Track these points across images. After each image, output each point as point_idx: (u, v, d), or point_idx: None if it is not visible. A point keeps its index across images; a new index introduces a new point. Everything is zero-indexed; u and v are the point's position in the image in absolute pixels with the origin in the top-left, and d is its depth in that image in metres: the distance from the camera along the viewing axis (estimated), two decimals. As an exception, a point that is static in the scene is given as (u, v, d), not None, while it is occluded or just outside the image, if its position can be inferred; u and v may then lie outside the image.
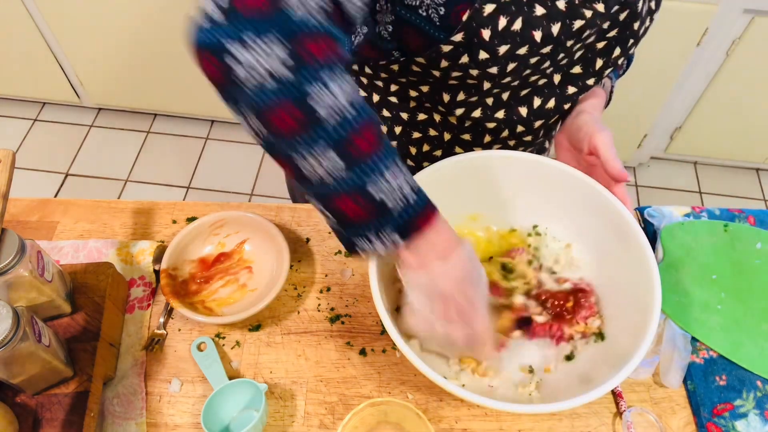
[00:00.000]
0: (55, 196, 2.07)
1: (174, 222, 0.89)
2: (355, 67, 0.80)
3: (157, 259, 0.83)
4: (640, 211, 0.90)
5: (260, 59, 0.48)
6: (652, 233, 0.87)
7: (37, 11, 1.85)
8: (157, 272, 0.83)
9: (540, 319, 0.72)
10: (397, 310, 0.70)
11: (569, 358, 0.71)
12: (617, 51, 0.72)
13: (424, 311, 0.62)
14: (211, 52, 0.48)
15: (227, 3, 0.48)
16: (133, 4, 1.77)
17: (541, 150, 0.93)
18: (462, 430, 0.72)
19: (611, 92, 0.88)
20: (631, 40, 0.72)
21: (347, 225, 0.57)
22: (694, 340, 0.78)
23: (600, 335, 0.72)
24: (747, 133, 1.94)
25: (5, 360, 0.60)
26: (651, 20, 0.73)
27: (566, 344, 0.72)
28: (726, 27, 1.60)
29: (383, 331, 0.79)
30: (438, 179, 0.74)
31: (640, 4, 0.69)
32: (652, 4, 0.72)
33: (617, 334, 0.69)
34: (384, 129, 0.83)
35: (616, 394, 0.75)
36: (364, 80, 0.80)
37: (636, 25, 0.71)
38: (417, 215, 0.56)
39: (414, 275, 0.60)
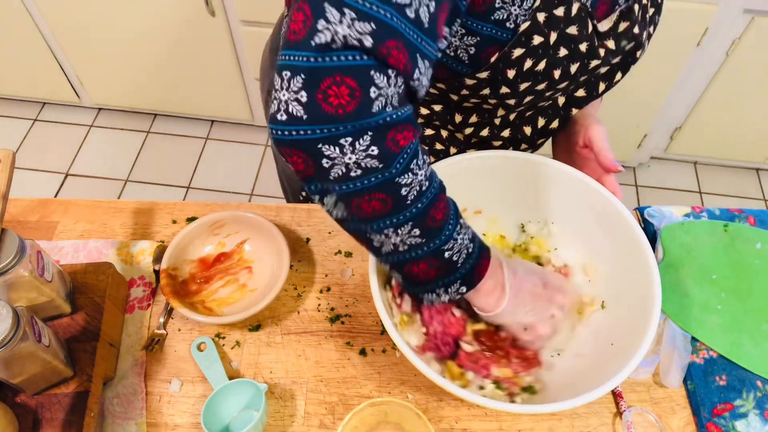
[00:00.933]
0: (55, 196, 2.07)
1: (174, 222, 0.89)
2: None
3: (157, 259, 0.83)
4: (640, 211, 0.90)
5: (355, 158, 0.49)
6: (652, 233, 0.87)
7: (37, 11, 1.85)
8: (157, 272, 0.83)
9: (468, 348, 0.70)
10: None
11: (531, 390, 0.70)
12: (619, 75, 0.74)
13: (531, 316, 0.66)
14: (302, 151, 0.48)
15: (309, 101, 0.47)
16: (133, 5, 1.77)
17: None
18: (462, 430, 0.72)
19: None
20: (632, 65, 0.74)
21: (418, 284, 0.61)
22: (694, 340, 0.78)
23: (530, 389, 0.69)
24: (747, 133, 1.94)
25: (5, 360, 0.60)
26: (648, 41, 0.74)
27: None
28: (726, 27, 1.60)
29: (383, 331, 0.79)
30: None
31: (644, 36, 0.71)
32: (651, 29, 0.73)
33: (617, 333, 0.69)
34: None
35: (616, 394, 0.75)
36: None
37: (638, 53, 0.73)
38: (477, 265, 0.60)
39: (505, 312, 0.65)
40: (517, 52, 0.63)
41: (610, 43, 0.67)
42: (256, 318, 0.80)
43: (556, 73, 0.66)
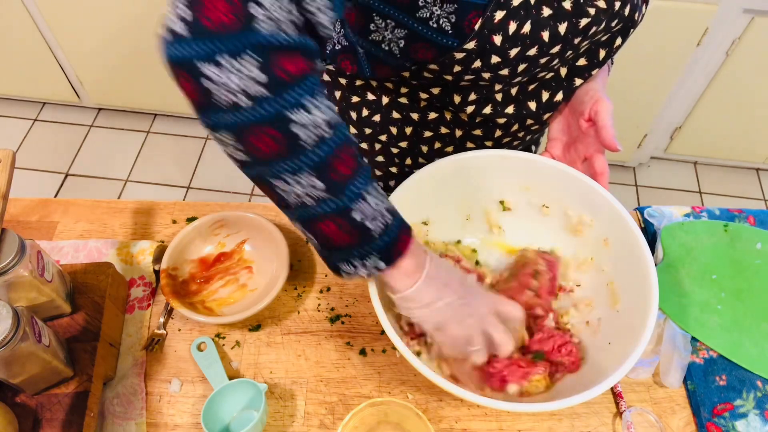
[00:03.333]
0: (55, 196, 2.07)
1: (174, 222, 0.89)
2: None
3: (157, 259, 0.83)
4: (640, 211, 0.90)
5: (236, 80, 0.46)
6: (652, 233, 0.87)
7: (37, 11, 1.85)
8: (157, 272, 0.83)
9: (480, 359, 0.67)
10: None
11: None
12: (618, 41, 0.74)
13: (449, 316, 0.63)
14: (185, 71, 0.47)
15: (191, 16, 0.45)
16: (133, 5, 1.77)
17: (539, 137, 0.96)
18: (462, 430, 0.72)
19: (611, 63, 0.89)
20: (631, 29, 0.73)
21: (332, 249, 0.57)
22: (694, 340, 0.78)
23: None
24: (747, 133, 1.94)
25: (5, 360, 0.60)
26: (646, 6, 0.74)
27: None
28: (726, 27, 1.60)
29: (383, 331, 0.79)
30: (432, 180, 0.75)
31: None
32: None
33: (615, 332, 0.69)
34: (394, 131, 0.83)
35: (616, 394, 0.75)
36: (374, 83, 0.80)
37: (636, 15, 0.72)
38: (396, 239, 0.57)
39: (417, 294, 0.61)
40: (499, 14, 0.62)
41: (601, 3, 0.66)
42: (256, 318, 0.80)
43: (545, 35, 0.64)
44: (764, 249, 0.85)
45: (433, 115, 0.80)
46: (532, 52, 0.66)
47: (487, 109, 0.76)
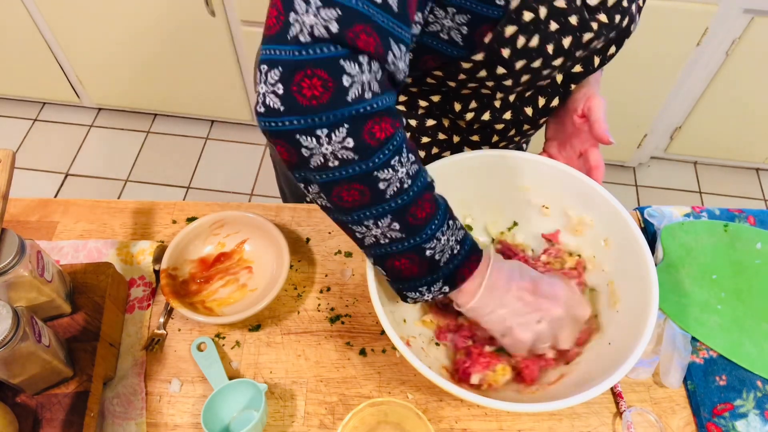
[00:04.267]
0: (55, 196, 2.07)
1: (174, 222, 0.89)
2: None
3: (157, 259, 0.83)
4: (640, 211, 0.90)
5: (330, 148, 0.50)
6: (652, 233, 0.87)
7: (37, 11, 1.85)
8: (157, 272, 0.83)
9: (550, 354, 0.70)
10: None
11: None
12: (613, 49, 0.75)
13: (518, 324, 0.65)
14: (284, 140, 0.51)
15: (286, 93, 0.49)
16: (133, 4, 1.77)
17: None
18: (462, 430, 0.72)
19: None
20: (625, 39, 0.74)
21: (400, 280, 0.62)
22: (694, 340, 0.78)
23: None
24: (747, 133, 1.94)
25: (5, 360, 0.60)
26: (639, 15, 0.74)
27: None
28: (726, 27, 1.60)
29: (383, 331, 0.79)
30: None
31: (633, 8, 0.71)
32: (640, 1, 0.74)
33: (615, 332, 0.69)
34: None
35: (616, 394, 0.75)
36: None
37: (632, 26, 0.73)
38: (462, 266, 0.61)
39: (478, 308, 0.64)
40: (510, 29, 0.63)
41: (603, 17, 0.67)
42: (256, 318, 0.80)
43: (550, 48, 0.65)
44: (764, 249, 0.85)
45: (431, 122, 0.81)
46: (537, 64, 0.67)
47: (486, 116, 0.77)
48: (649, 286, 0.66)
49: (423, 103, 0.79)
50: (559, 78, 0.76)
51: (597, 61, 0.75)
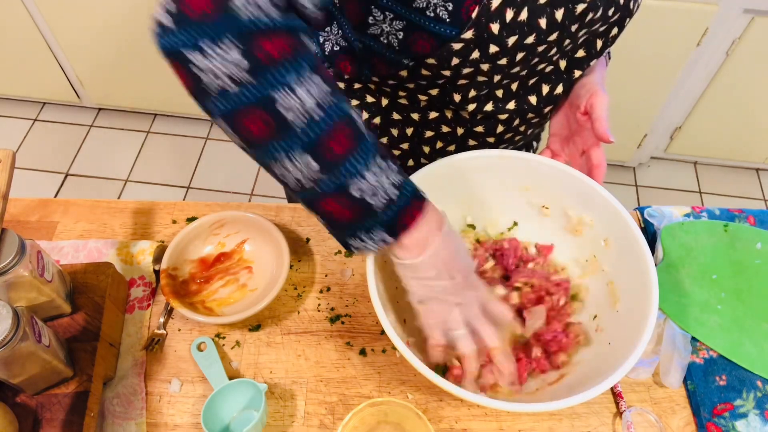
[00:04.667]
0: (55, 196, 2.07)
1: (174, 222, 0.89)
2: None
3: (157, 259, 0.83)
4: (640, 211, 0.90)
5: (219, 65, 0.48)
6: (652, 233, 0.87)
7: (37, 11, 1.85)
8: (157, 272, 0.83)
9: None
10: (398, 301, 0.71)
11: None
12: (615, 30, 0.74)
13: (436, 294, 0.63)
14: (175, 59, 0.49)
15: (175, 8, 0.48)
16: (133, 5, 1.77)
17: (539, 133, 0.97)
18: (462, 430, 0.72)
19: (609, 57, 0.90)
20: (627, 19, 0.73)
21: (337, 226, 0.59)
22: (694, 340, 0.78)
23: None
24: (747, 133, 1.94)
25: (5, 360, 0.60)
26: None
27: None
28: (726, 27, 1.60)
29: (383, 331, 0.79)
30: (431, 181, 0.74)
31: None
32: None
33: (615, 332, 0.69)
34: (395, 132, 0.83)
35: (616, 394, 0.75)
36: (372, 86, 0.80)
37: (632, 4, 0.72)
38: (403, 212, 0.58)
39: (416, 265, 0.61)
40: (495, 2, 0.62)
41: None
42: (256, 318, 0.80)
43: (542, 22, 0.64)
44: (764, 249, 0.85)
45: (434, 115, 0.80)
46: (530, 40, 0.66)
47: (489, 106, 0.76)
48: (649, 286, 0.66)
49: (423, 98, 0.78)
50: (563, 64, 0.76)
51: (599, 44, 0.74)
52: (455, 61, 0.68)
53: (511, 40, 0.65)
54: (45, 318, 0.71)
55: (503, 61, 0.68)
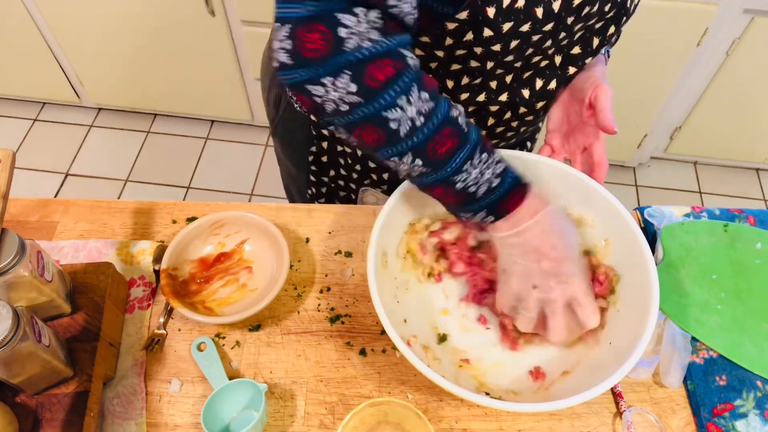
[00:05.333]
0: (55, 196, 2.07)
1: (174, 222, 0.89)
2: None
3: (157, 259, 0.83)
4: (640, 211, 0.90)
5: (337, 94, 0.55)
6: (652, 233, 0.87)
7: (37, 11, 1.85)
8: (157, 272, 0.83)
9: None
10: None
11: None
12: (612, 29, 0.74)
13: (518, 271, 0.67)
14: (300, 92, 0.56)
15: (292, 48, 0.54)
16: (133, 5, 1.77)
17: (534, 132, 0.97)
18: (462, 430, 0.72)
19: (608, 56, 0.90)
20: (624, 18, 0.73)
21: (449, 204, 0.67)
22: (694, 340, 0.78)
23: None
24: (747, 133, 1.94)
25: (5, 360, 0.60)
26: None
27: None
28: (726, 27, 1.60)
29: (383, 331, 0.79)
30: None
31: None
32: None
33: (616, 332, 0.69)
34: None
35: (616, 394, 0.75)
36: None
37: (628, 2, 0.72)
38: (504, 199, 0.64)
39: (504, 237, 0.67)
40: None
41: None
42: (256, 318, 0.80)
43: (539, 11, 0.65)
44: (764, 249, 0.85)
45: None
46: (525, 28, 0.66)
47: (481, 97, 0.77)
48: (650, 286, 0.66)
49: None
50: (558, 59, 0.75)
51: (596, 42, 0.74)
52: (449, 41, 0.69)
53: (506, 26, 0.65)
54: (45, 318, 0.71)
55: (497, 47, 0.68)
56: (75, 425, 0.65)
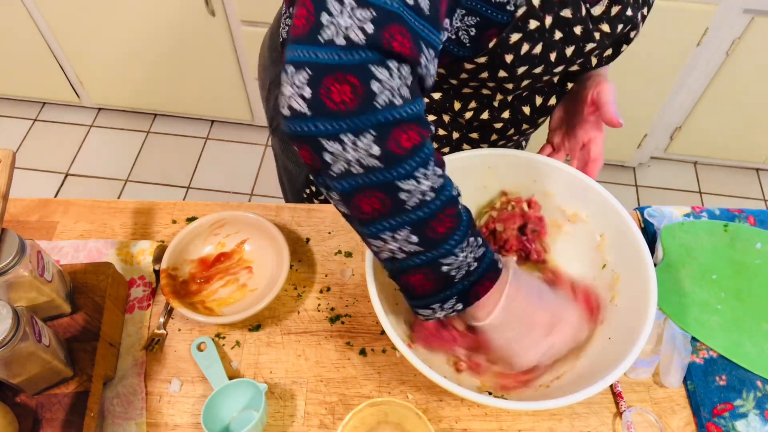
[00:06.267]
0: (55, 196, 2.07)
1: (174, 222, 0.89)
2: None
3: (157, 259, 0.83)
4: (640, 211, 0.90)
5: (354, 154, 0.49)
6: (652, 233, 0.87)
7: (37, 11, 1.85)
8: (157, 272, 0.83)
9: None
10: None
11: None
12: (609, 51, 0.75)
13: (524, 348, 0.64)
14: (308, 144, 0.49)
15: (311, 95, 0.47)
16: (133, 5, 1.77)
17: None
18: (462, 430, 0.72)
19: None
20: (624, 45, 0.75)
21: (415, 297, 0.60)
22: (694, 340, 0.78)
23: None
24: (747, 133, 1.94)
25: (5, 360, 0.60)
26: (643, 23, 0.74)
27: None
28: (726, 27, 1.60)
29: (383, 331, 0.79)
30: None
31: (638, 17, 0.71)
32: (645, 11, 0.73)
33: (615, 327, 0.69)
34: None
35: (616, 394, 0.75)
36: None
37: (633, 34, 0.73)
38: (477, 283, 0.59)
39: (491, 322, 0.62)
40: (515, 37, 0.63)
41: (605, 27, 0.68)
42: (256, 318, 0.80)
43: (552, 56, 0.66)
44: (764, 249, 0.85)
45: (431, 117, 0.81)
46: (538, 70, 0.67)
47: (485, 115, 0.78)
48: (648, 284, 0.67)
49: (424, 99, 0.79)
50: (557, 78, 0.77)
51: (594, 61, 0.75)
52: (463, 75, 0.70)
53: (521, 70, 0.67)
54: (45, 318, 0.71)
55: (509, 85, 0.70)
56: (75, 425, 0.65)
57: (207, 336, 0.78)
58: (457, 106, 0.77)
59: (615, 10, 0.67)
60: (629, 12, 0.69)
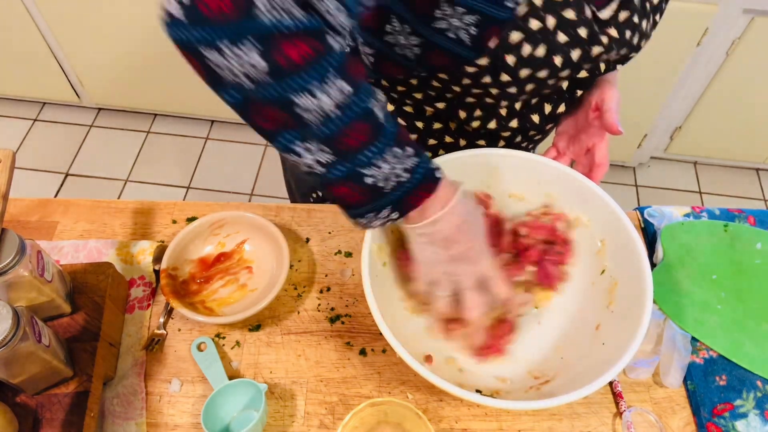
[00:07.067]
0: (55, 196, 2.07)
1: (174, 222, 0.89)
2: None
3: (157, 259, 0.83)
4: (640, 211, 0.90)
5: (237, 65, 0.47)
6: (652, 233, 0.87)
7: (37, 11, 1.85)
8: (157, 272, 0.83)
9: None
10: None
11: None
12: (615, 55, 0.74)
13: (427, 258, 0.64)
14: (189, 52, 0.48)
15: (188, 1, 0.45)
16: (133, 5, 1.77)
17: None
18: (462, 430, 0.72)
19: None
20: (633, 53, 0.75)
21: (348, 207, 0.61)
22: (694, 340, 0.78)
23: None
24: (747, 133, 1.94)
25: (5, 360, 0.60)
26: (653, 30, 0.74)
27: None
28: (726, 27, 1.60)
29: (383, 331, 0.79)
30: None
31: (647, 26, 0.71)
32: (657, 17, 0.73)
33: (610, 330, 0.69)
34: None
35: (616, 394, 0.75)
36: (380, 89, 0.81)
37: (642, 42, 0.73)
38: (411, 194, 0.59)
39: (415, 227, 0.63)
40: (515, 36, 0.63)
41: (613, 32, 0.67)
42: (256, 318, 0.80)
43: (557, 60, 0.65)
44: (764, 249, 0.85)
45: (437, 125, 0.81)
46: (542, 74, 0.67)
47: (492, 124, 0.77)
48: (644, 283, 0.67)
49: (429, 109, 0.79)
50: (565, 84, 0.77)
51: (603, 67, 0.75)
52: (466, 81, 0.69)
53: (524, 73, 0.66)
54: (45, 318, 0.71)
55: (513, 90, 0.69)
56: (75, 425, 0.65)
57: (207, 336, 0.78)
58: (462, 115, 0.76)
59: (623, 15, 0.67)
60: (636, 19, 0.68)
